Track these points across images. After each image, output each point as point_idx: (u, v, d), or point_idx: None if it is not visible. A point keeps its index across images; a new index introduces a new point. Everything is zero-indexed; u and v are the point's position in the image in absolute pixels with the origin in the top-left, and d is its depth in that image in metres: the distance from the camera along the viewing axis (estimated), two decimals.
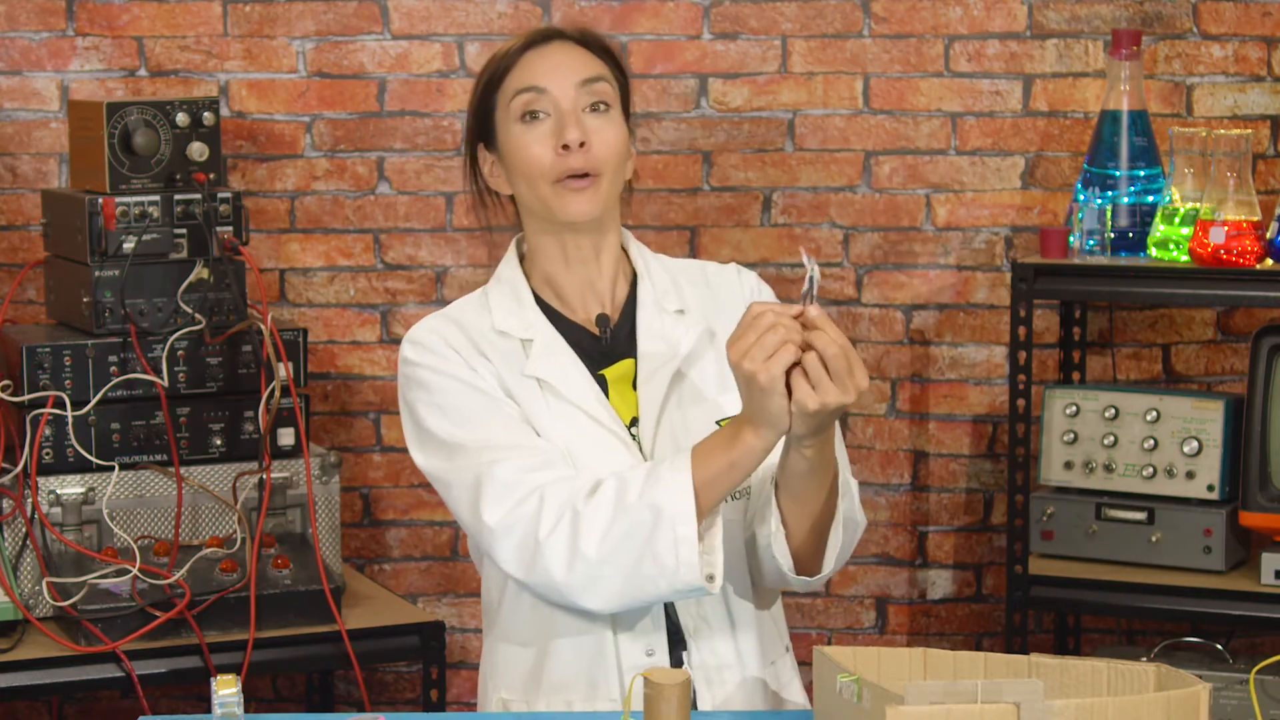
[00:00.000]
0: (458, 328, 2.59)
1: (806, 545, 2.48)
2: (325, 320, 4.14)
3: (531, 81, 2.55)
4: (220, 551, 3.50)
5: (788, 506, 2.46)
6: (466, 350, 2.57)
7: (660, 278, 2.64)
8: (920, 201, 4.13)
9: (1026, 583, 3.82)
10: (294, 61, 4.08)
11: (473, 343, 2.58)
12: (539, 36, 2.60)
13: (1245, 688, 3.70)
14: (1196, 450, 3.80)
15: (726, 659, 2.55)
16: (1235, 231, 3.67)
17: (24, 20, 4.02)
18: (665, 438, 2.54)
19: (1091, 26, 4.06)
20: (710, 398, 2.57)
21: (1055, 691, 2.17)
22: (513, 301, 2.61)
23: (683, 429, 2.54)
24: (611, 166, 2.56)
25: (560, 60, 2.57)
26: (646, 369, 2.57)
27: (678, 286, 2.65)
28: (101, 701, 4.07)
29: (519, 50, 2.58)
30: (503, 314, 2.60)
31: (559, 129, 2.53)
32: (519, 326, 2.59)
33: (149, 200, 3.52)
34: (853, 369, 2.32)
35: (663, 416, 2.55)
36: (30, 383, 3.46)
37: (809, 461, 2.40)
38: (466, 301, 2.67)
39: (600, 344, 2.60)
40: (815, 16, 4.09)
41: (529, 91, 2.55)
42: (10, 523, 3.43)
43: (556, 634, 2.55)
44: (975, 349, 4.15)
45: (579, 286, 2.62)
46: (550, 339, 2.58)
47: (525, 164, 2.55)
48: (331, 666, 3.67)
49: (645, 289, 2.62)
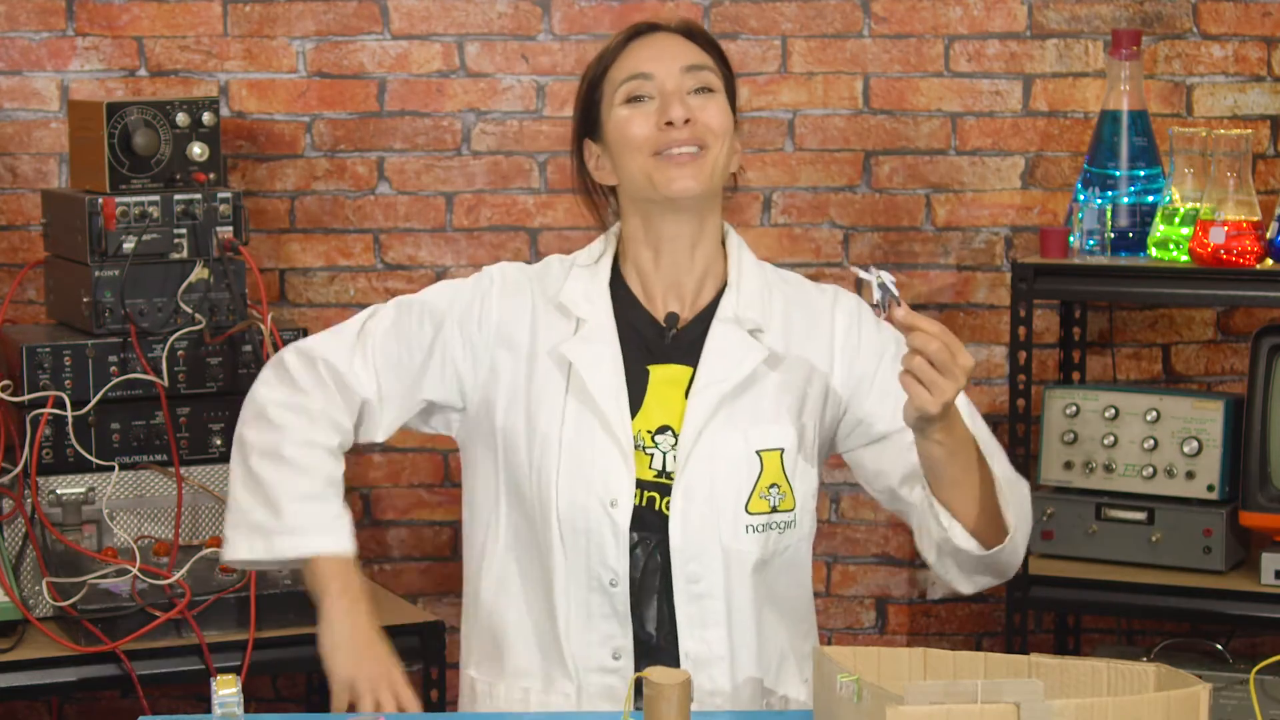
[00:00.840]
0: (529, 284, 2.61)
1: (982, 523, 2.47)
2: (325, 320, 4.13)
3: (636, 68, 2.56)
4: (220, 551, 3.50)
5: (949, 496, 2.45)
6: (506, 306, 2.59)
7: (750, 289, 2.60)
8: (920, 201, 4.13)
9: (1026, 583, 3.82)
10: (294, 61, 4.08)
11: (528, 304, 2.59)
12: (643, 27, 2.61)
13: (1245, 688, 3.70)
14: (1196, 450, 3.80)
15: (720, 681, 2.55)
16: (1235, 231, 3.67)
17: (24, 20, 4.02)
18: (701, 454, 2.52)
19: (1091, 26, 4.06)
20: (756, 425, 2.55)
21: (1055, 691, 2.17)
22: (588, 277, 2.61)
23: (721, 449, 2.53)
24: (718, 141, 2.55)
25: (664, 47, 2.58)
26: (702, 380, 2.55)
27: (765, 302, 2.60)
28: (101, 701, 4.07)
29: (621, 43, 2.59)
30: (572, 285, 2.60)
31: (664, 107, 2.54)
32: (580, 303, 2.58)
33: (149, 200, 3.52)
34: (955, 355, 2.32)
35: (704, 432, 2.53)
36: (30, 383, 3.46)
37: (946, 447, 2.40)
38: (558, 261, 2.66)
39: (663, 340, 2.59)
40: (815, 16, 4.09)
41: (634, 79, 2.56)
42: (10, 523, 3.43)
43: (509, 621, 2.57)
44: (975, 349, 4.15)
45: (665, 281, 2.60)
46: (602, 325, 2.57)
47: (627, 140, 2.54)
48: None
49: (729, 299, 2.59)
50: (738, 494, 2.52)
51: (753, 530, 2.52)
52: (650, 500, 2.53)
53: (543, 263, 2.68)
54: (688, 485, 2.51)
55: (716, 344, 2.56)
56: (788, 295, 2.63)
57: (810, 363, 2.59)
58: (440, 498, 4.12)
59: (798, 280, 2.68)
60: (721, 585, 2.52)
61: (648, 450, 2.54)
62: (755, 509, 2.53)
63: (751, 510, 2.53)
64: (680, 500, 2.51)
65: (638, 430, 2.55)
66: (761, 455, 2.53)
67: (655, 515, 2.53)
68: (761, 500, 2.53)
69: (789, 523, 2.55)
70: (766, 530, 2.53)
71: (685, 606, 2.52)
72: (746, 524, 2.52)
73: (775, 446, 2.54)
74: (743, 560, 2.52)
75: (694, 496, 2.51)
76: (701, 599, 2.52)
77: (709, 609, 2.53)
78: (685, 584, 2.52)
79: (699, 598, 2.52)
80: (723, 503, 2.52)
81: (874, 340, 2.61)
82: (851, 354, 2.60)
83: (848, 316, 2.62)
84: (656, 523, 2.52)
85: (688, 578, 2.52)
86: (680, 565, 2.51)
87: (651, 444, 2.55)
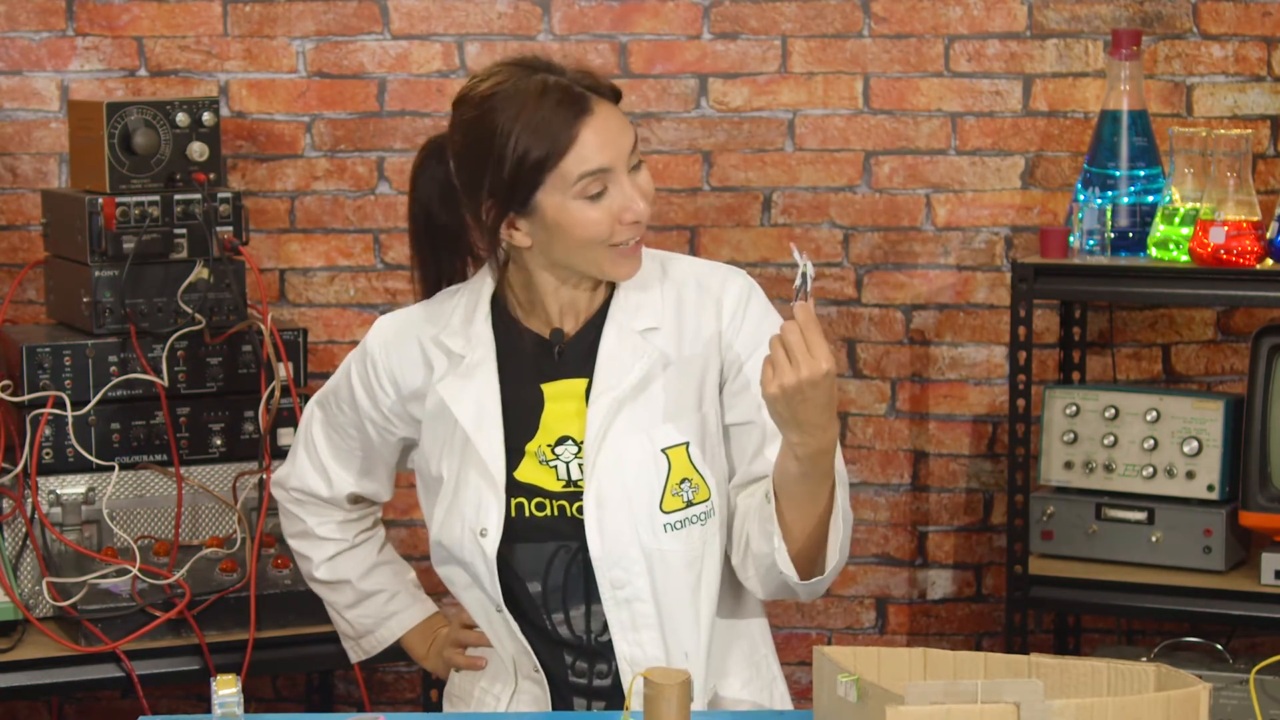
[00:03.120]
0: (410, 330, 2.65)
1: (804, 552, 2.48)
2: (325, 320, 4.14)
3: (596, 163, 2.47)
4: (220, 551, 3.50)
5: (787, 514, 2.45)
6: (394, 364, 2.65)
7: (638, 291, 2.59)
8: (920, 201, 4.13)
9: (1026, 583, 3.82)
10: (294, 61, 4.08)
11: (415, 350, 2.64)
12: (580, 106, 2.48)
13: (1245, 688, 3.70)
14: (1196, 450, 3.80)
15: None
16: (1235, 231, 3.67)
17: (24, 20, 4.02)
18: (607, 460, 2.53)
19: (1091, 26, 4.06)
20: (658, 424, 2.55)
21: (1055, 691, 2.17)
22: (465, 315, 2.61)
23: (626, 453, 2.53)
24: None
25: (609, 129, 2.49)
26: (598, 388, 2.55)
27: (656, 297, 2.59)
28: (101, 701, 4.07)
29: (569, 129, 2.46)
30: (454, 324, 2.61)
31: (623, 205, 2.49)
32: (459, 343, 2.60)
33: (149, 200, 3.52)
34: (811, 348, 2.31)
35: (607, 437, 2.53)
36: (30, 383, 3.46)
37: (801, 465, 2.39)
38: (444, 296, 2.67)
39: (552, 357, 2.59)
40: (815, 16, 4.09)
41: (593, 175, 2.47)
42: (10, 523, 3.43)
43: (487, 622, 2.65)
44: (975, 349, 4.15)
45: (558, 301, 2.60)
46: (480, 359, 2.58)
47: (583, 236, 2.49)
48: (331, 666, 3.67)
49: (617, 303, 2.59)
50: (650, 495, 2.52)
51: (672, 528, 2.52)
52: (560, 509, 2.54)
53: (430, 300, 2.68)
54: (599, 492, 2.52)
55: (608, 351, 2.56)
56: (679, 280, 2.61)
57: (703, 346, 2.57)
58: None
59: (689, 262, 2.66)
60: (648, 588, 2.53)
61: (550, 463, 2.55)
62: (670, 507, 2.53)
63: (666, 509, 2.52)
64: (594, 508, 2.52)
65: (536, 446, 2.56)
66: (668, 453, 2.53)
67: (569, 523, 2.54)
68: (675, 497, 2.53)
69: (707, 512, 2.54)
70: (687, 525, 2.53)
71: (614, 611, 2.54)
72: (664, 523, 2.52)
73: (679, 442, 2.54)
74: (668, 561, 2.52)
75: (606, 503, 2.52)
76: (630, 603, 2.53)
77: (639, 612, 2.54)
78: (611, 589, 2.53)
79: (627, 602, 2.53)
80: (636, 506, 2.52)
81: (753, 330, 2.58)
82: (732, 335, 2.59)
83: (734, 300, 2.59)
84: (572, 530, 2.53)
85: (612, 583, 2.53)
86: (603, 571, 2.52)
87: (553, 456, 2.56)
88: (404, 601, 2.87)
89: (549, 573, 2.55)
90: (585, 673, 2.58)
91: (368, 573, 2.86)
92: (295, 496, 2.85)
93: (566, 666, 2.59)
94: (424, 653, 2.86)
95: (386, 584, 2.87)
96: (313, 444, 2.81)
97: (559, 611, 2.57)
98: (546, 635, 2.58)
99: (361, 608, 2.86)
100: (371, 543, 2.88)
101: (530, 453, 2.56)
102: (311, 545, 2.86)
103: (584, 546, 2.53)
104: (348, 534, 2.86)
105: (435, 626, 2.86)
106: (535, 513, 2.55)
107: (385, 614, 2.86)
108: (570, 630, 2.57)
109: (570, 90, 2.48)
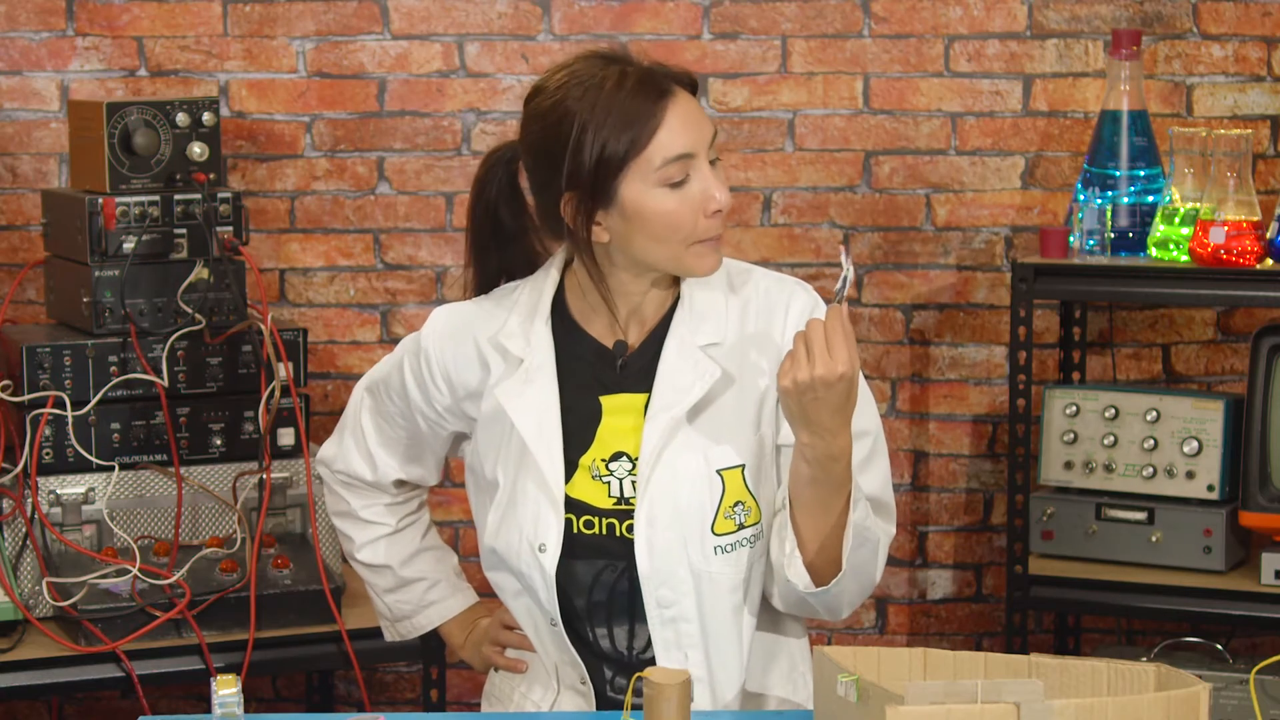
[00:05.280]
0: (467, 328, 2.59)
1: (820, 565, 2.45)
2: (325, 320, 4.14)
3: (681, 148, 2.42)
4: (220, 551, 3.50)
5: (799, 517, 2.43)
6: (449, 362, 2.60)
7: (703, 302, 2.54)
8: (920, 201, 4.13)
9: (1026, 583, 3.82)
10: (294, 61, 4.08)
11: (471, 350, 2.58)
12: (662, 89, 2.43)
13: (1245, 688, 3.70)
14: (1196, 450, 3.80)
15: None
16: (1235, 231, 3.67)
17: (24, 20, 4.02)
18: (661, 478, 2.48)
19: (1091, 26, 4.07)
20: (715, 444, 2.50)
21: (1055, 691, 2.17)
22: (527, 313, 2.56)
23: (681, 473, 2.49)
24: None
25: (690, 116, 2.45)
26: (657, 405, 2.50)
27: (720, 312, 2.54)
28: (101, 701, 4.07)
29: (653, 111, 2.42)
30: (512, 325, 2.56)
31: (706, 195, 2.44)
32: (519, 345, 2.54)
33: (149, 200, 3.52)
34: (832, 349, 2.30)
35: (662, 456, 2.48)
36: (30, 383, 3.46)
37: (810, 469, 2.38)
38: (499, 295, 2.62)
39: (614, 369, 2.54)
40: (815, 16, 4.09)
41: (678, 160, 2.43)
42: (10, 523, 3.43)
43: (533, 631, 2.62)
44: (975, 349, 4.15)
45: (627, 304, 2.54)
46: (541, 365, 2.53)
47: (667, 228, 2.44)
48: (331, 666, 3.67)
49: (681, 317, 2.53)
50: (702, 516, 2.48)
51: (722, 551, 2.48)
52: (610, 527, 2.51)
53: (483, 298, 2.63)
54: (650, 511, 2.48)
55: (670, 366, 2.51)
56: (745, 294, 2.57)
57: (765, 363, 2.53)
58: (440, 498, 4.12)
59: (758, 274, 2.60)
60: (694, 609, 2.49)
61: (604, 479, 2.51)
62: (722, 529, 2.49)
63: (718, 531, 2.49)
64: (644, 526, 2.48)
65: (591, 460, 2.52)
66: (723, 475, 2.49)
67: (618, 541, 2.50)
68: (727, 520, 2.49)
69: (757, 535, 2.51)
70: (737, 549, 2.49)
71: (660, 630, 2.51)
72: (715, 545, 2.48)
73: (736, 464, 2.49)
74: (716, 582, 2.49)
75: (657, 522, 2.48)
76: (676, 623, 2.50)
77: (684, 632, 2.51)
78: (657, 609, 2.50)
79: (673, 621, 2.50)
80: (688, 526, 2.48)
81: None
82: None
83: (798, 316, 2.54)
84: (620, 549, 2.50)
85: (659, 602, 2.49)
86: (650, 590, 2.49)
87: (606, 471, 2.51)
88: (444, 591, 2.84)
89: (594, 588, 2.52)
90: (623, 689, 2.55)
91: (409, 559, 2.82)
92: (341, 479, 2.81)
93: (606, 681, 2.56)
94: (461, 642, 2.82)
95: (428, 572, 2.83)
96: (360, 431, 2.77)
97: (602, 626, 2.54)
98: (589, 648, 2.55)
99: (400, 594, 2.83)
100: (415, 528, 2.84)
101: (584, 466, 2.52)
102: (355, 527, 2.83)
103: (631, 565, 2.49)
104: (392, 518, 2.82)
105: (474, 617, 2.82)
106: (584, 530, 2.51)
107: (425, 602, 2.83)
108: (612, 645, 2.55)
109: (650, 75, 2.45)
